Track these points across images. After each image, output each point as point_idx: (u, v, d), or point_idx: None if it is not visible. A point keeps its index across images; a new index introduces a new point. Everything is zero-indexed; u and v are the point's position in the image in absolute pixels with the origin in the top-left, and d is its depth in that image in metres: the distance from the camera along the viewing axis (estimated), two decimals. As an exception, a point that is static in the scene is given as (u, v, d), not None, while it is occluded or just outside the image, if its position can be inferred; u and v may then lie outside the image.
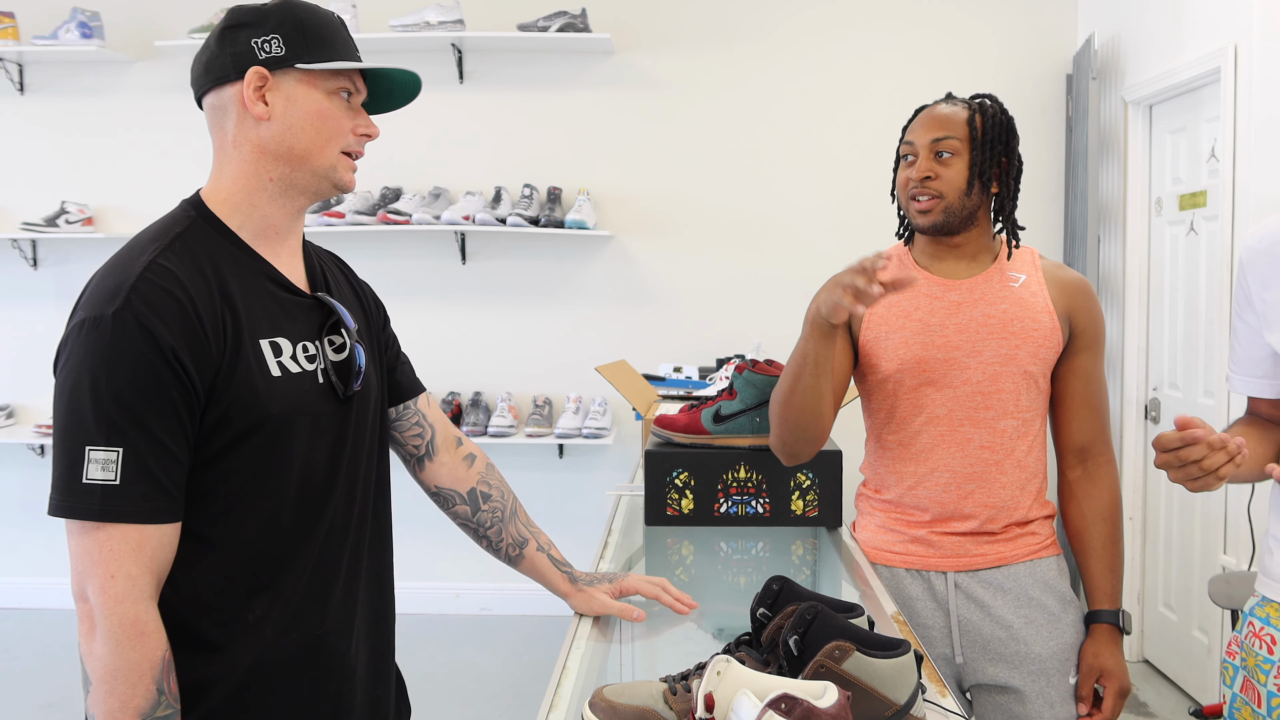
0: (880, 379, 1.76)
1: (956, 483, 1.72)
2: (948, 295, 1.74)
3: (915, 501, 1.75)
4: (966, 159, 1.69)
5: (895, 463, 1.77)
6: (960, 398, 1.70)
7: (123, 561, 1.10)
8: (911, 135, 1.74)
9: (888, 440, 1.78)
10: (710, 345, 4.22)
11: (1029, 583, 1.73)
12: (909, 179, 1.73)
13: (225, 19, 1.24)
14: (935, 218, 1.71)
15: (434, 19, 4.10)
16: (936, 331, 1.71)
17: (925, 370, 1.71)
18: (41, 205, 4.34)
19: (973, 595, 1.73)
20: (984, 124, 1.70)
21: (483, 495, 1.53)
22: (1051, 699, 1.71)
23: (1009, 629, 1.72)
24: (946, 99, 1.77)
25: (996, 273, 1.74)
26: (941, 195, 1.69)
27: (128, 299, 1.11)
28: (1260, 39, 2.93)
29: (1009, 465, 1.71)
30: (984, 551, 1.73)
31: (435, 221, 4.15)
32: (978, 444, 1.71)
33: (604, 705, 1.14)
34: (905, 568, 1.76)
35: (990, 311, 1.71)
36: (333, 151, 1.25)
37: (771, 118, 4.29)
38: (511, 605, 4.38)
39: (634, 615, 1.53)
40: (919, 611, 1.75)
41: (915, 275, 1.65)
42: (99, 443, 1.09)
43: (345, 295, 1.38)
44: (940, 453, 1.72)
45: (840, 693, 0.97)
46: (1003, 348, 1.69)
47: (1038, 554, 1.75)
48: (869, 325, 1.77)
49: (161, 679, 1.12)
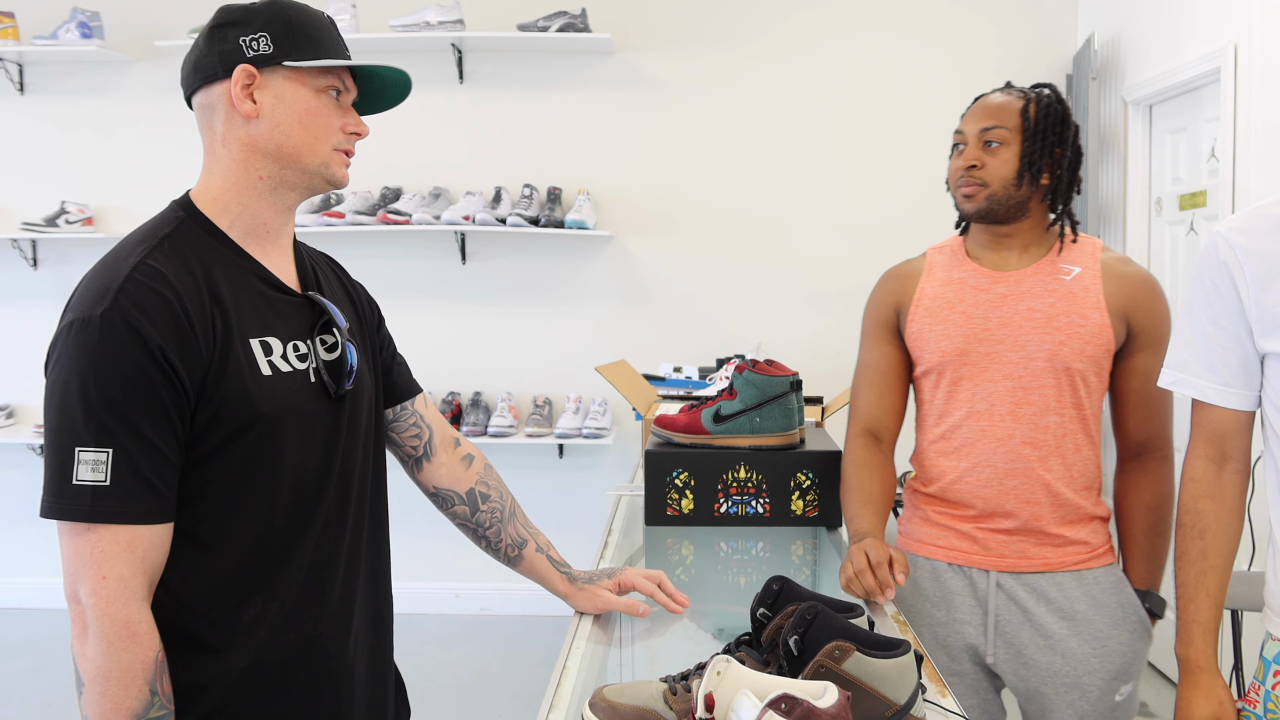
0: (924, 371, 1.76)
1: (998, 478, 1.69)
2: (994, 287, 1.72)
3: (959, 496, 1.73)
4: (1016, 149, 1.67)
5: (939, 456, 1.75)
6: (1001, 392, 1.68)
7: (114, 562, 1.09)
8: (963, 124, 1.73)
9: (932, 432, 1.77)
10: (710, 345, 4.21)
11: (1076, 594, 1.70)
12: (957, 168, 1.72)
13: (214, 18, 1.24)
14: (978, 204, 1.69)
15: (434, 19, 4.09)
16: (979, 324, 1.70)
17: (967, 363, 1.70)
18: (41, 205, 4.34)
19: (1014, 597, 1.71)
20: (1037, 114, 1.68)
21: (481, 496, 1.53)
22: (1083, 711, 1.68)
23: (1048, 638, 1.69)
24: (1004, 88, 1.75)
25: (1048, 265, 1.71)
26: (986, 184, 1.68)
27: (116, 300, 1.11)
28: (1260, 39, 2.93)
29: (1054, 463, 1.68)
30: (1031, 555, 1.70)
31: (435, 221, 4.15)
32: (1019, 440, 1.68)
33: (604, 705, 1.14)
34: (948, 562, 1.75)
35: (1035, 305, 1.68)
36: (323, 149, 1.25)
37: (771, 117, 4.28)
38: (511, 605, 4.38)
39: (639, 610, 1.53)
40: (956, 607, 1.73)
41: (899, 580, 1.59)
42: (88, 444, 1.09)
43: (337, 295, 1.38)
44: (982, 447, 1.70)
45: (840, 693, 0.97)
46: (1046, 343, 1.66)
47: (1087, 563, 1.71)
48: (914, 318, 1.77)
49: (154, 680, 1.12)
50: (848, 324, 4.28)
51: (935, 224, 4.26)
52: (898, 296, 1.82)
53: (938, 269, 1.79)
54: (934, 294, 1.76)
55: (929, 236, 4.35)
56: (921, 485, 1.81)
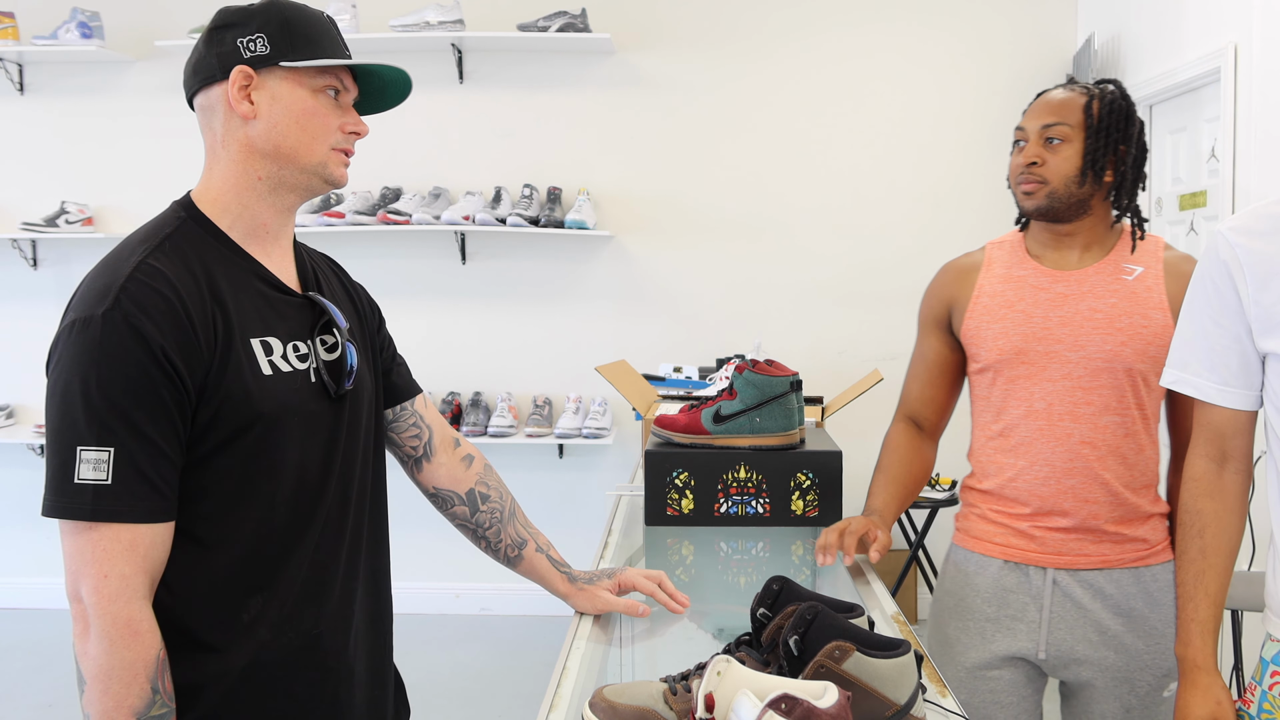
0: (980, 368, 1.75)
1: (1055, 477, 1.68)
2: (1054, 287, 1.70)
3: (1014, 494, 1.72)
4: (1078, 146, 1.66)
5: (995, 453, 1.75)
6: (1060, 391, 1.67)
7: (115, 561, 1.10)
8: (1024, 120, 1.72)
9: (989, 429, 1.76)
10: (710, 345, 4.21)
11: (1133, 591, 1.69)
12: (1018, 164, 1.70)
13: (213, 20, 1.25)
14: (1038, 202, 1.67)
15: (434, 19, 4.09)
16: (1038, 324, 1.68)
17: (1025, 362, 1.69)
18: (41, 205, 4.34)
19: (1070, 594, 1.70)
20: (1100, 110, 1.66)
21: (481, 496, 1.53)
22: (1130, 704, 1.68)
23: (1102, 634, 1.69)
24: (1067, 84, 1.73)
25: (1110, 264, 1.70)
26: (1046, 181, 1.66)
27: (117, 299, 1.11)
28: (1260, 39, 2.93)
29: (1112, 462, 1.67)
30: (1088, 551, 1.69)
31: (435, 221, 4.15)
32: (1077, 439, 1.67)
33: (604, 705, 1.14)
34: (1004, 559, 1.74)
35: (1096, 305, 1.67)
36: (321, 149, 1.25)
37: (771, 117, 4.28)
38: (511, 605, 4.38)
39: (639, 610, 1.53)
40: (1010, 603, 1.73)
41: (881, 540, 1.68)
42: (90, 443, 1.09)
43: (338, 295, 1.38)
44: (1038, 446, 1.69)
45: (840, 693, 0.97)
46: (1107, 343, 1.65)
47: (1145, 560, 1.70)
48: (971, 315, 1.76)
49: (156, 678, 1.12)
50: (848, 323, 4.31)
51: (934, 223, 4.27)
52: (951, 292, 1.81)
53: (997, 265, 1.78)
54: (992, 291, 1.74)
55: (928, 236, 4.37)
56: (977, 482, 1.80)
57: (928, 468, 1.88)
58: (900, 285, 4.28)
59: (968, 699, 1.74)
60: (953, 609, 1.80)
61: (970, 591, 1.77)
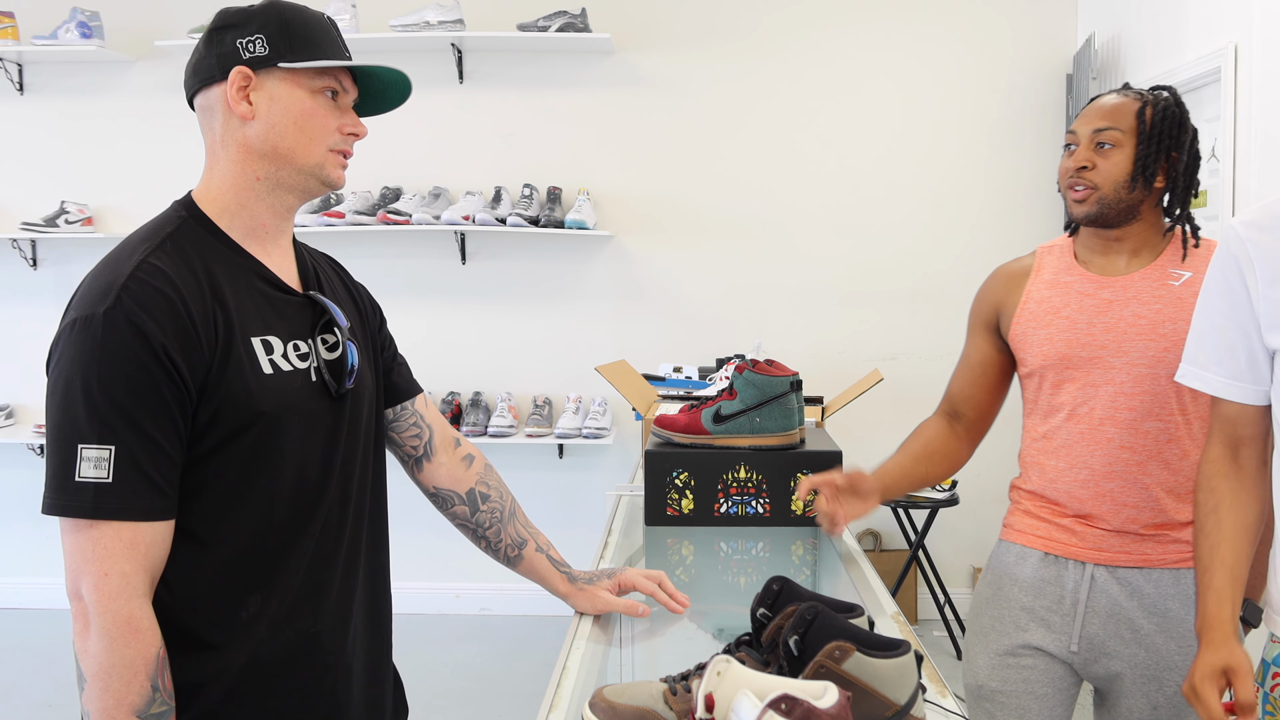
0: (1027, 372, 1.77)
1: (1094, 480, 1.69)
2: (1099, 293, 1.71)
3: (1056, 495, 1.73)
4: (1129, 151, 1.65)
5: (1039, 455, 1.76)
6: (1103, 397, 1.68)
7: (116, 559, 1.10)
8: (1076, 125, 1.71)
9: (1035, 431, 1.78)
10: (710, 345, 4.21)
11: (1172, 592, 1.69)
12: (1068, 168, 1.70)
13: (213, 21, 1.25)
14: (1089, 208, 1.67)
15: (434, 19, 4.09)
16: (1083, 329, 1.69)
17: (1069, 367, 1.70)
18: (41, 205, 4.34)
19: (1107, 590, 1.70)
20: (1153, 116, 1.66)
21: (481, 496, 1.53)
22: (1158, 702, 1.68)
23: (1135, 632, 1.69)
24: (1120, 89, 1.73)
25: (1157, 270, 1.69)
26: (1097, 186, 1.66)
27: (118, 298, 1.11)
28: (1260, 39, 2.93)
29: (1153, 466, 1.67)
30: (1128, 549, 1.69)
31: (435, 221, 4.15)
32: (1119, 444, 1.68)
33: (604, 705, 1.14)
34: (1045, 551, 1.74)
35: (1141, 311, 1.67)
36: (319, 150, 1.25)
37: (771, 117, 4.28)
38: (511, 605, 4.38)
39: (639, 610, 1.53)
40: (1047, 594, 1.73)
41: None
42: (91, 441, 1.09)
43: (339, 295, 1.39)
44: (1079, 449, 1.70)
45: (840, 693, 0.97)
46: (1150, 350, 1.65)
47: (1186, 562, 1.70)
48: (1018, 320, 1.77)
49: (156, 676, 1.12)
50: (848, 323, 4.31)
51: (935, 223, 4.27)
52: (1000, 296, 1.82)
53: (1046, 270, 1.79)
54: (1040, 297, 1.75)
55: (929, 235, 4.37)
56: (1023, 482, 1.82)
57: (952, 457, 1.88)
58: (900, 285, 4.29)
59: (1000, 685, 1.75)
60: (990, 598, 1.81)
61: (1009, 581, 1.78)
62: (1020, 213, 4.24)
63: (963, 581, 4.38)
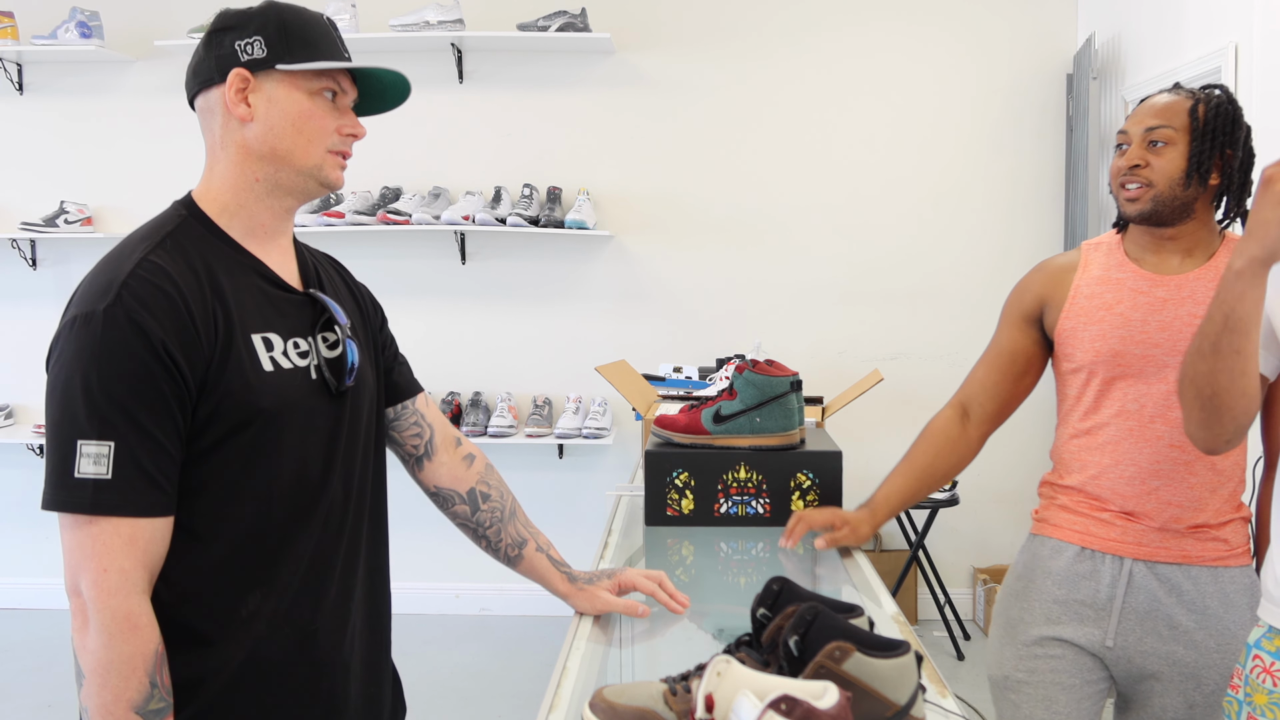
0: (1074, 368, 1.75)
1: (1141, 478, 1.68)
2: (1154, 291, 1.69)
3: (1098, 491, 1.72)
4: (1183, 149, 1.64)
5: (1081, 451, 1.74)
6: (1155, 395, 1.67)
7: (115, 555, 1.10)
8: (1128, 124, 1.70)
9: (1075, 427, 1.76)
10: (710, 345, 4.22)
11: (1210, 590, 1.68)
12: (1120, 167, 1.69)
13: (212, 23, 1.26)
14: (1142, 206, 1.66)
15: (434, 19, 4.09)
16: (1137, 328, 1.68)
17: (1121, 365, 1.69)
18: (41, 205, 4.34)
19: (1145, 585, 1.69)
20: (1206, 113, 1.64)
21: (482, 495, 1.53)
22: (1194, 700, 1.67)
23: (1173, 629, 1.68)
24: (1172, 88, 1.72)
25: (1211, 270, 1.68)
26: (1151, 184, 1.65)
27: (119, 295, 1.12)
28: (1260, 39, 2.93)
29: (1200, 466, 1.66)
30: (1168, 545, 1.68)
31: (435, 221, 4.15)
32: (1168, 442, 1.67)
33: (604, 705, 1.14)
34: (1082, 545, 1.73)
35: (1196, 311, 1.65)
36: (317, 151, 1.25)
37: (771, 117, 4.28)
38: (511, 605, 4.38)
39: (639, 611, 1.53)
40: (1081, 589, 1.72)
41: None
42: (90, 437, 1.10)
43: (340, 294, 1.39)
44: (1127, 446, 1.69)
45: (840, 693, 0.97)
46: None
47: (1225, 560, 1.69)
48: (1067, 314, 1.75)
49: (154, 672, 1.12)
50: (848, 323, 4.30)
51: (935, 222, 4.27)
52: (1045, 290, 1.80)
53: (1094, 266, 1.77)
54: (1090, 293, 1.74)
55: (929, 235, 4.37)
56: (1058, 478, 1.80)
57: (961, 460, 1.88)
58: (901, 285, 4.29)
59: (1026, 676, 1.73)
60: (1020, 592, 1.79)
61: (1041, 574, 1.76)
62: (1021, 213, 4.24)
63: (963, 582, 4.38)
